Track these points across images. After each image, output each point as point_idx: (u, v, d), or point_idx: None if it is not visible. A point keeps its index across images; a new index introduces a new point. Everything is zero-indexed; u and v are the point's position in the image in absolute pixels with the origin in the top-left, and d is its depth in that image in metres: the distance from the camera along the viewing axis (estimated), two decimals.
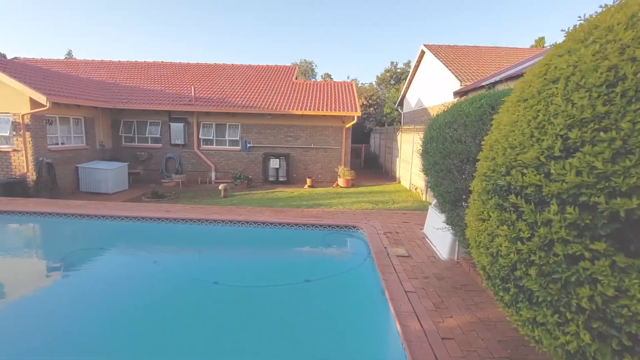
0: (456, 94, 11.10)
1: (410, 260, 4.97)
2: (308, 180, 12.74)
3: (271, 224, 6.69)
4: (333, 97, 14.29)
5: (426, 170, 4.57)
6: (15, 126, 9.47)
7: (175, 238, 6.75)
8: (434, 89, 14.89)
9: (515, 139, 1.83)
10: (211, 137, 13.62)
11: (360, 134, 23.80)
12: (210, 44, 66.42)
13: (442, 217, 4.80)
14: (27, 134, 9.49)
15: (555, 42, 1.99)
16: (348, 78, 41.06)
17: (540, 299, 1.74)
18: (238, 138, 13.65)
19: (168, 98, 13.61)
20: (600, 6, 1.99)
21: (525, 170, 1.72)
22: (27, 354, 3.20)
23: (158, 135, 13.47)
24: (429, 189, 9.59)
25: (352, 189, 12.25)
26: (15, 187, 9.31)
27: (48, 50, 62.97)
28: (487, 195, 2.01)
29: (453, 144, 3.80)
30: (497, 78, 8.47)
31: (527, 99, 1.90)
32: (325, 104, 13.58)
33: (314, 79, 39.48)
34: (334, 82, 16.59)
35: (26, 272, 5.22)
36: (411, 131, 12.12)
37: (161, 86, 14.97)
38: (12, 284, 4.75)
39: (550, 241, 1.61)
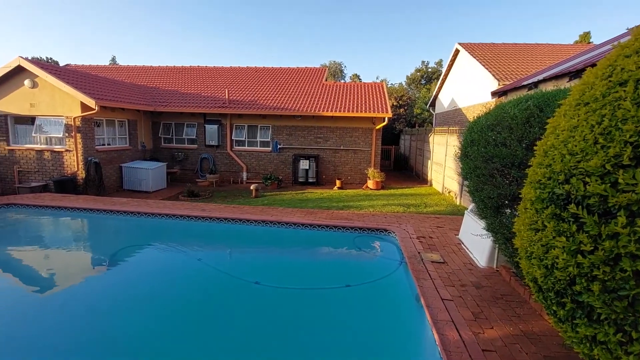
0: (494, 94, 10.62)
1: (445, 267, 4.83)
2: (337, 182, 12.73)
3: (302, 225, 6.76)
4: (363, 99, 14.20)
5: (465, 174, 4.41)
6: (67, 128, 10.25)
7: (212, 236, 7.00)
8: (469, 89, 14.36)
9: (575, 145, 1.72)
10: (243, 139, 13.99)
11: (389, 135, 23.46)
12: (241, 47, 68.41)
13: (481, 223, 4.62)
14: (78, 135, 10.25)
15: (619, 41, 1.85)
16: (377, 78, 40.62)
17: (602, 317, 1.63)
18: (269, 139, 13.91)
19: (203, 101, 14.15)
20: None
21: (587, 179, 1.62)
22: (74, 343, 3.43)
23: (194, 137, 14.04)
24: (464, 193, 9.26)
25: (382, 191, 12.09)
26: (67, 184, 10.08)
27: (94, 56, 67.71)
28: (541, 204, 1.91)
29: (496, 147, 3.64)
30: (540, 77, 8.01)
31: (588, 103, 1.78)
32: (355, 105, 13.51)
33: (342, 80, 39.47)
34: (364, 83, 16.46)
35: (76, 266, 5.62)
36: (444, 132, 11.75)
37: (197, 89, 15.62)
38: (64, 276, 5.13)
39: (617, 255, 1.51)
